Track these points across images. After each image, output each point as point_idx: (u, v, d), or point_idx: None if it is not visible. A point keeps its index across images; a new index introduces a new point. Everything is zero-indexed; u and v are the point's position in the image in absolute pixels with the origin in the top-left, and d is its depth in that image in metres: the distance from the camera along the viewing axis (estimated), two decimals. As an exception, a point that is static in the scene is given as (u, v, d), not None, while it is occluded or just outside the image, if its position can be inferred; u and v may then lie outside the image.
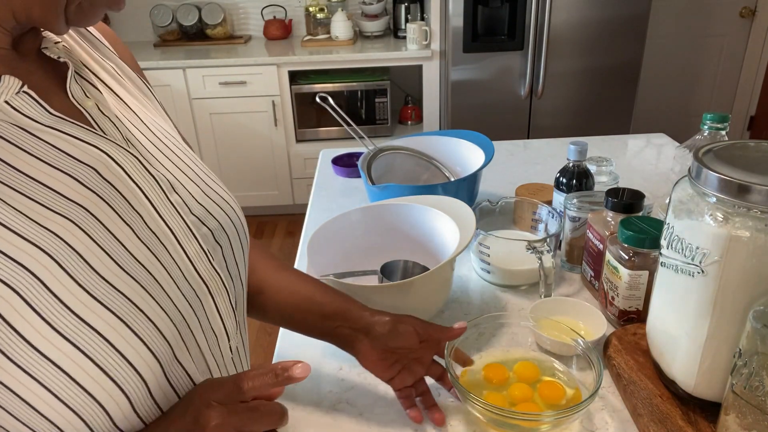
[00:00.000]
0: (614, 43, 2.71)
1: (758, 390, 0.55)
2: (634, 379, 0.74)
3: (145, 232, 0.50)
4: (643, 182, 1.36)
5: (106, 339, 0.45)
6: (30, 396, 0.42)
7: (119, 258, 0.47)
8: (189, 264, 0.54)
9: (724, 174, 0.58)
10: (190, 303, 0.53)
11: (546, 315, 0.86)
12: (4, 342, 0.41)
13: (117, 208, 0.49)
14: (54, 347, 0.42)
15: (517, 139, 1.75)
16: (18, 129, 0.46)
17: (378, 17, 3.18)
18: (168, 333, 0.50)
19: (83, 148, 0.49)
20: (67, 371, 0.43)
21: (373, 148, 1.21)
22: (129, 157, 0.52)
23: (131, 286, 0.47)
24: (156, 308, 0.49)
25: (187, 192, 0.57)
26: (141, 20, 3.20)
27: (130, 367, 0.46)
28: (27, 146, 0.46)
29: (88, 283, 0.45)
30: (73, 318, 0.43)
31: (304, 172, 3.10)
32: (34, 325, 0.42)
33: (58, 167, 0.47)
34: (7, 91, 0.46)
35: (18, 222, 0.43)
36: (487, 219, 1.07)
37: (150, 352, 0.47)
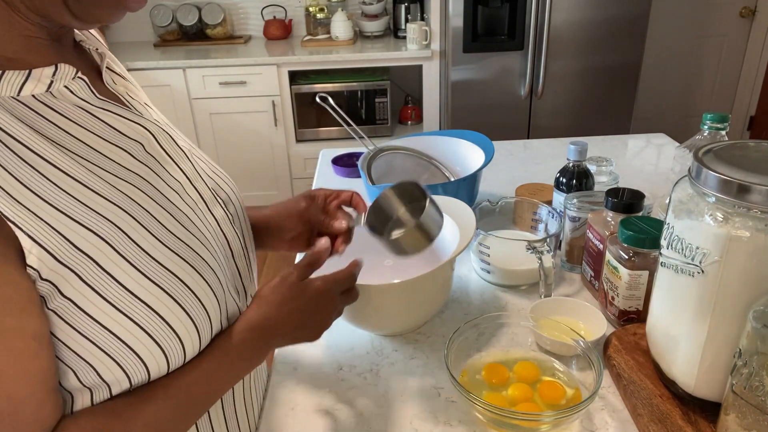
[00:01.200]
0: (614, 43, 2.71)
1: (758, 390, 0.55)
2: (634, 379, 0.74)
3: (185, 196, 0.59)
4: (643, 182, 1.36)
5: (181, 279, 0.53)
6: (120, 330, 0.49)
7: (176, 215, 0.56)
8: (217, 226, 0.62)
9: (724, 174, 0.58)
10: (224, 259, 0.61)
11: (546, 315, 0.86)
12: (100, 284, 0.48)
13: (162, 176, 0.57)
14: (141, 287, 0.50)
15: (517, 139, 1.75)
16: (79, 109, 0.53)
17: (378, 17, 3.18)
18: (222, 278, 0.59)
19: (129, 125, 0.56)
20: (152, 306, 0.50)
21: (373, 148, 1.21)
22: (163, 134, 0.60)
23: (189, 237, 0.56)
24: (210, 257, 0.57)
25: (201, 167, 0.65)
26: (141, 20, 3.21)
27: (199, 304, 0.54)
28: (87, 124, 0.53)
29: (160, 234, 0.53)
30: (154, 263, 0.51)
31: (304, 172, 3.10)
32: (124, 269, 0.49)
33: (114, 142, 0.54)
34: (65, 77, 0.52)
35: (99, 186, 0.51)
36: (487, 219, 1.07)
37: (212, 292, 0.56)
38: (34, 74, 0.50)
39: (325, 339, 0.90)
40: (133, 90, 0.62)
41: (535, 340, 0.83)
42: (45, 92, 0.51)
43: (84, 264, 0.47)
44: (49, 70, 0.51)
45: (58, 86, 0.51)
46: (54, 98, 0.51)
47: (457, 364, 0.77)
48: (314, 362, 0.85)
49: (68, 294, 0.47)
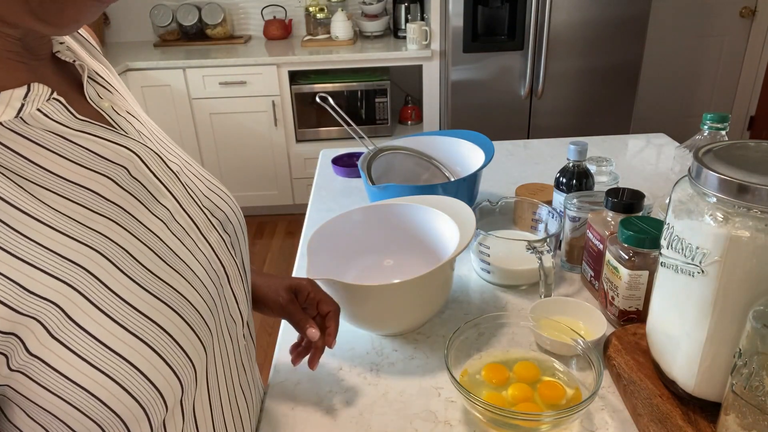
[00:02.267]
0: (614, 43, 2.71)
1: (758, 390, 0.55)
2: (634, 379, 0.74)
3: (173, 224, 0.53)
4: (643, 182, 1.36)
5: (159, 326, 0.47)
6: (92, 385, 0.44)
7: (157, 250, 0.50)
8: (212, 251, 0.56)
9: (724, 174, 0.58)
10: (216, 289, 0.56)
11: (546, 315, 0.86)
12: (67, 336, 0.43)
13: (147, 204, 0.51)
14: (114, 337, 0.45)
15: (517, 139, 1.75)
16: (53, 135, 0.46)
17: (378, 17, 3.18)
18: (206, 315, 0.53)
19: (113, 148, 0.50)
20: (127, 358, 0.45)
21: (373, 148, 1.21)
22: (150, 153, 0.53)
23: (173, 276, 0.50)
24: (193, 293, 0.52)
25: (195, 186, 0.59)
26: (141, 20, 3.21)
27: (182, 353, 0.49)
28: (63, 151, 0.46)
29: (138, 276, 0.47)
30: (129, 309, 0.46)
31: (304, 172, 3.10)
32: (94, 317, 0.44)
33: (93, 169, 0.48)
34: (38, 99, 0.46)
35: (66, 224, 0.45)
36: (487, 219, 1.07)
37: (197, 338, 0.51)
38: (2, 97, 0.44)
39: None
40: (119, 103, 0.56)
41: (535, 340, 0.83)
42: (14, 118, 0.44)
43: (48, 312, 0.42)
44: (20, 92, 0.45)
45: (30, 110, 0.45)
46: (24, 124, 0.45)
47: (457, 364, 0.77)
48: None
49: (34, 351, 0.42)
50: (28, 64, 0.47)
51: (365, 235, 0.99)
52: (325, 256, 0.91)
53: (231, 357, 0.61)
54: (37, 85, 0.46)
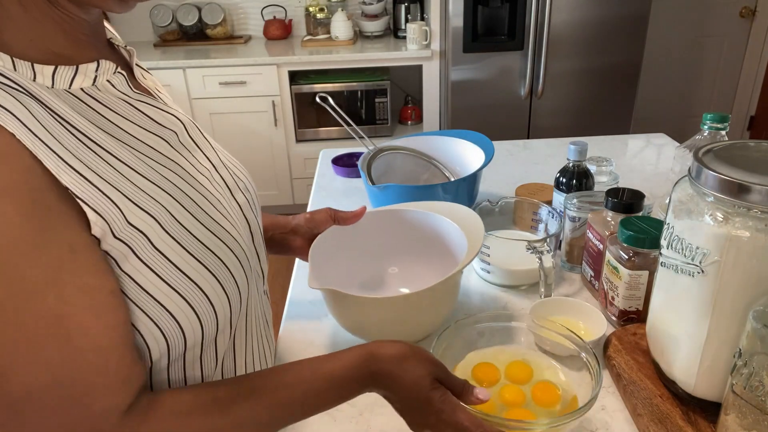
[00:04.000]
0: (614, 43, 2.71)
1: (758, 390, 0.55)
2: (634, 379, 0.74)
3: (214, 183, 0.63)
4: (643, 182, 1.36)
5: (216, 255, 0.57)
6: (167, 301, 0.52)
7: (209, 199, 0.60)
8: (240, 211, 0.66)
9: (723, 174, 0.58)
10: (246, 243, 0.64)
11: (546, 315, 0.86)
12: (151, 259, 0.51)
13: (194, 164, 0.62)
14: (185, 262, 0.54)
15: (517, 139, 1.75)
16: (120, 101, 0.57)
17: (378, 17, 3.18)
18: (245, 265, 0.62)
19: (164, 116, 0.60)
20: (194, 279, 0.54)
21: (373, 148, 1.21)
22: (190, 124, 0.64)
23: (221, 219, 0.60)
24: (235, 244, 0.60)
25: (220, 154, 0.69)
26: (141, 20, 3.20)
27: (232, 278, 0.58)
28: (128, 115, 0.57)
29: (198, 215, 0.57)
30: (194, 240, 0.55)
31: (304, 172, 3.10)
32: (170, 245, 0.53)
33: (152, 131, 0.58)
34: (107, 72, 0.57)
35: (145, 169, 0.54)
36: (487, 219, 1.07)
37: (241, 268, 0.60)
38: (81, 69, 0.54)
39: (326, 339, 0.90)
40: (159, 85, 0.68)
41: (534, 341, 0.82)
42: (91, 86, 0.54)
43: (137, 239, 0.51)
44: (92, 66, 0.55)
45: (102, 80, 0.56)
46: (99, 91, 0.55)
47: (447, 364, 0.73)
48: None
49: (126, 269, 0.50)
50: (95, 44, 0.57)
51: (369, 242, 0.96)
52: (328, 264, 0.88)
53: (256, 309, 0.70)
54: (104, 61, 0.56)
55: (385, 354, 0.60)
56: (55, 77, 0.52)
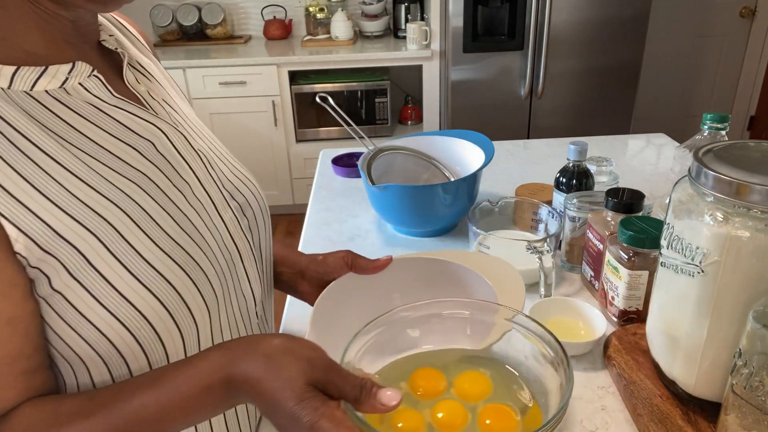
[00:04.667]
0: (614, 43, 2.71)
1: (758, 390, 0.55)
2: (634, 379, 0.74)
3: (191, 198, 0.59)
4: (643, 182, 1.35)
5: (170, 283, 0.52)
6: (101, 323, 0.49)
7: (176, 217, 0.56)
8: (225, 228, 0.62)
9: (723, 174, 0.58)
10: (227, 263, 0.61)
11: (546, 315, 0.86)
12: (86, 278, 0.49)
13: (170, 177, 0.57)
14: (128, 286, 0.50)
15: (517, 139, 1.75)
16: (90, 106, 0.54)
17: (378, 17, 3.18)
18: (215, 284, 0.58)
19: (142, 124, 0.57)
20: (136, 305, 0.50)
21: (373, 148, 1.21)
22: (177, 135, 0.60)
23: (187, 241, 0.56)
24: (206, 262, 0.57)
25: (219, 170, 0.65)
26: (141, 20, 3.20)
27: (187, 310, 0.54)
28: (98, 121, 0.54)
29: (154, 235, 0.53)
30: (143, 262, 0.51)
31: (304, 172, 3.10)
32: (111, 265, 0.50)
33: (123, 140, 0.55)
34: (80, 74, 0.54)
35: (96, 181, 0.51)
36: (487, 219, 1.07)
37: (202, 299, 0.55)
38: (50, 70, 0.51)
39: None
40: (156, 90, 0.63)
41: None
42: (58, 88, 0.52)
43: (68, 254, 0.48)
44: (65, 67, 0.52)
45: (73, 83, 0.53)
46: (67, 95, 0.53)
47: (371, 362, 0.57)
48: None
49: (57, 287, 0.48)
50: (77, 45, 0.55)
51: (383, 299, 0.75)
52: (335, 323, 0.70)
53: (243, 332, 0.66)
54: (80, 63, 0.54)
55: (248, 352, 0.48)
56: (15, 78, 0.49)
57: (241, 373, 0.46)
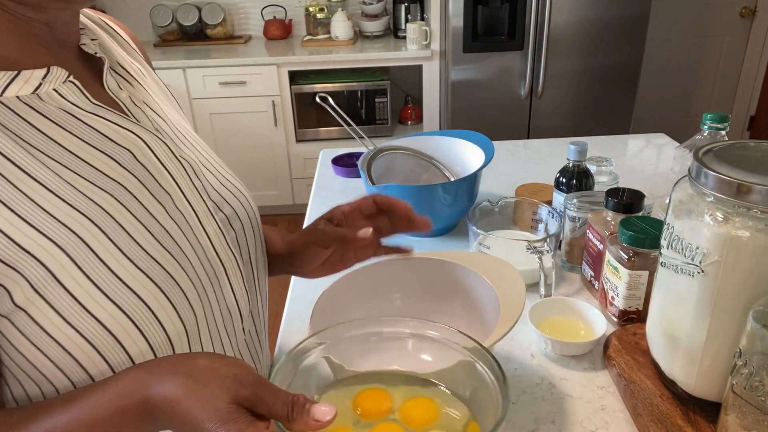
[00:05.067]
0: (614, 43, 2.71)
1: (758, 390, 0.55)
2: (634, 379, 0.74)
3: (172, 210, 0.55)
4: (643, 182, 1.35)
5: (142, 299, 0.49)
6: (67, 341, 0.47)
7: (153, 231, 0.53)
8: (208, 242, 0.58)
9: (723, 174, 0.58)
10: (209, 278, 0.57)
11: (546, 315, 0.86)
12: (51, 294, 0.46)
13: (149, 187, 0.54)
14: (95, 302, 0.47)
15: (517, 139, 1.75)
16: (65, 113, 0.51)
17: (378, 17, 3.18)
18: (194, 302, 0.54)
19: (120, 132, 0.54)
20: (102, 322, 0.47)
21: (373, 148, 1.21)
22: (159, 143, 0.57)
23: (164, 256, 0.52)
24: (184, 278, 0.54)
25: (206, 180, 0.62)
26: (141, 20, 3.20)
27: (161, 328, 0.51)
28: (73, 129, 0.51)
29: (128, 249, 0.50)
30: (114, 278, 0.48)
31: (304, 172, 3.10)
32: (78, 280, 0.47)
33: (99, 148, 0.52)
34: (55, 80, 0.51)
35: (68, 192, 0.48)
36: (487, 219, 1.07)
37: (178, 317, 0.52)
38: (23, 75, 0.49)
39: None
40: (139, 96, 0.60)
41: None
42: (31, 94, 0.49)
43: (33, 269, 0.45)
44: (39, 72, 0.50)
45: (47, 89, 0.50)
46: (40, 101, 0.50)
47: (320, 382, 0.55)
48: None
49: (19, 303, 0.45)
50: (53, 49, 0.53)
51: (384, 299, 0.78)
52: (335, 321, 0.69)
53: (228, 349, 0.62)
54: (55, 68, 0.51)
55: (168, 372, 0.44)
56: None
57: (160, 394, 0.43)
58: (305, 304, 0.99)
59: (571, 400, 0.76)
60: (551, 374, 0.81)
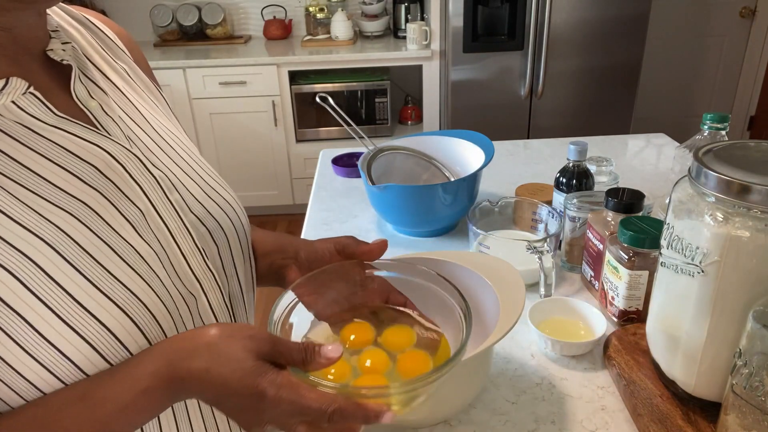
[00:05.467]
0: (614, 43, 2.71)
1: (758, 390, 0.55)
2: (634, 379, 0.74)
3: (143, 227, 0.52)
4: (643, 182, 1.35)
5: (102, 323, 0.46)
6: (26, 371, 0.44)
7: (118, 249, 0.49)
8: (183, 260, 0.55)
9: (723, 174, 0.58)
10: (183, 297, 0.54)
11: (546, 315, 0.86)
12: (4, 321, 0.43)
13: (116, 203, 0.51)
14: (51, 327, 0.44)
15: (517, 139, 1.75)
16: (23, 128, 0.48)
17: (378, 17, 3.18)
18: (164, 323, 0.51)
19: (85, 146, 0.50)
20: (61, 350, 0.45)
21: (373, 148, 1.21)
22: (130, 156, 0.53)
23: (130, 276, 0.49)
24: (153, 298, 0.50)
25: (188, 191, 0.58)
26: (141, 20, 3.20)
27: (126, 353, 0.48)
28: (31, 144, 0.48)
29: (87, 270, 0.47)
30: (71, 301, 0.45)
31: (304, 172, 3.10)
32: (32, 306, 0.44)
33: (60, 164, 0.49)
34: (14, 92, 0.48)
35: (20, 213, 0.45)
36: (487, 219, 1.07)
37: (146, 340, 0.49)
38: None
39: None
40: (111, 104, 0.56)
41: None
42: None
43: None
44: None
45: (4, 101, 0.47)
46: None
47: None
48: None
49: None
50: (15, 57, 0.49)
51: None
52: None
53: None
54: (14, 79, 0.48)
55: (187, 348, 0.47)
56: None
57: (185, 369, 0.45)
58: (305, 304, 0.99)
59: (571, 400, 0.76)
60: (551, 374, 0.81)
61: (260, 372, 0.45)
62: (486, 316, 0.73)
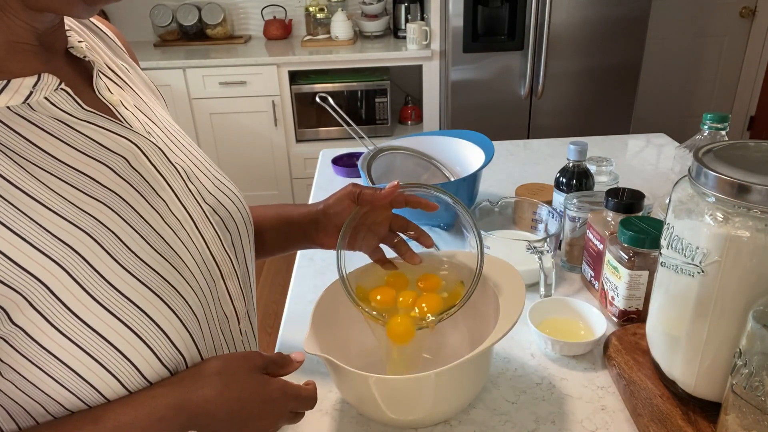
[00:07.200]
0: (614, 43, 2.71)
1: (758, 390, 0.55)
2: (634, 379, 0.74)
3: (168, 216, 0.55)
4: (643, 182, 1.36)
5: (143, 310, 0.49)
6: (70, 359, 0.46)
7: (150, 239, 0.52)
8: (205, 247, 0.58)
9: (723, 174, 0.58)
10: (207, 282, 0.57)
11: (546, 315, 0.86)
12: (51, 312, 0.45)
13: (144, 194, 0.53)
14: (95, 316, 0.47)
15: (517, 139, 1.75)
16: (57, 122, 0.50)
17: (378, 17, 3.18)
18: (195, 307, 0.54)
19: (114, 139, 0.53)
20: (107, 338, 0.47)
21: (373, 148, 1.21)
22: (153, 148, 0.56)
23: (162, 264, 0.52)
24: (184, 284, 0.53)
25: (200, 183, 0.62)
26: (141, 20, 3.20)
27: (166, 338, 0.51)
28: (66, 138, 0.50)
29: (125, 260, 0.49)
30: (114, 291, 0.48)
31: (304, 172, 3.10)
32: (78, 297, 0.46)
33: (93, 157, 0.51)
34: (47, 88, 0.49)
35: (62, 206, 0.48)
36: (487, 219, 1.07)
37: (182, 324, 0.52)
38: (13, 84, 0.47)
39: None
40: (129, 99, 0.59)
41: None
42: (21, 104, 0.48)
43: (34, 288, 0.45)
44: (30, 81, 0.48)
45: (38, 98, 0.49)
46: (31, 110, 0.48)
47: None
48: (314, 362, 0.85)
49: (18, 321, 0.45)
50: (43, 55, 0.51)
51: None
52: (333, 330, 0.75)
53: (228, 351, 0.62)
54: (46, 75, 0.49)
55: (197, 379, 0.52)
56: None
57: (200, 397, 0.51)
58: (305, 304, 0.99)
59: (571, 400, 0.76)
60: (551, 374, 0.81)
61: (268, 382, 0.55)
62: (486, 316, 0.73)
